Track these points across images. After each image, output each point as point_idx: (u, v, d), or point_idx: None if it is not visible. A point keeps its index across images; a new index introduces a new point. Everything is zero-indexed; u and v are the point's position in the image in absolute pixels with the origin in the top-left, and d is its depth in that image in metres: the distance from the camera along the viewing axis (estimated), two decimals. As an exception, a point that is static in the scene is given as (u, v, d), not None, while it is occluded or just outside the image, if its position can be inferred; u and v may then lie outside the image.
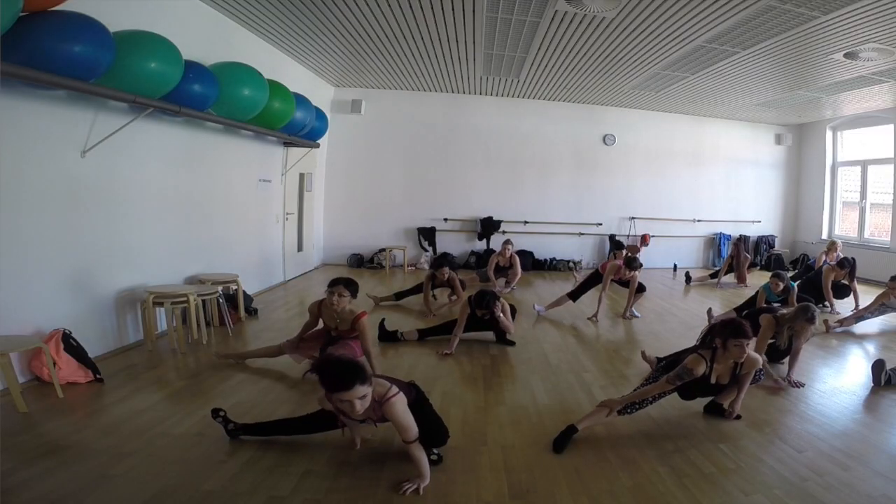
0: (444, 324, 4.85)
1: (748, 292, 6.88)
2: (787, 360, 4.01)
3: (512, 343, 4.77)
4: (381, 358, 4.22)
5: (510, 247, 7.48)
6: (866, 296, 6.49)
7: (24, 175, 3.33)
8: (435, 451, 2.63)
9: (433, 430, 2.60)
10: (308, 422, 2.75)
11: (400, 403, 2.37)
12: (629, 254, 6.36)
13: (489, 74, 7.80)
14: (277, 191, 7.25)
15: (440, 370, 4.06)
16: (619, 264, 5.93)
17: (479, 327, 4.74)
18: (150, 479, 2.36)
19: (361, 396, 2.19)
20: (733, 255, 8.56)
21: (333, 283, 3.70)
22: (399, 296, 6.37)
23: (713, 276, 8.73)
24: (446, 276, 5.99)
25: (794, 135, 10.84)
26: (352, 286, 3.72)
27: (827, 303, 6.54)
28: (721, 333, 2.96)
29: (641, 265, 5.94)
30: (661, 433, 3.04)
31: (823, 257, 7.86)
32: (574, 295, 6.08)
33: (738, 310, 5.61)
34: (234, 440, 2.75)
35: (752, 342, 3.18)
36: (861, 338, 5.44)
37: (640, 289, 6.05)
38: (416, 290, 6.30)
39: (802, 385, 3.78)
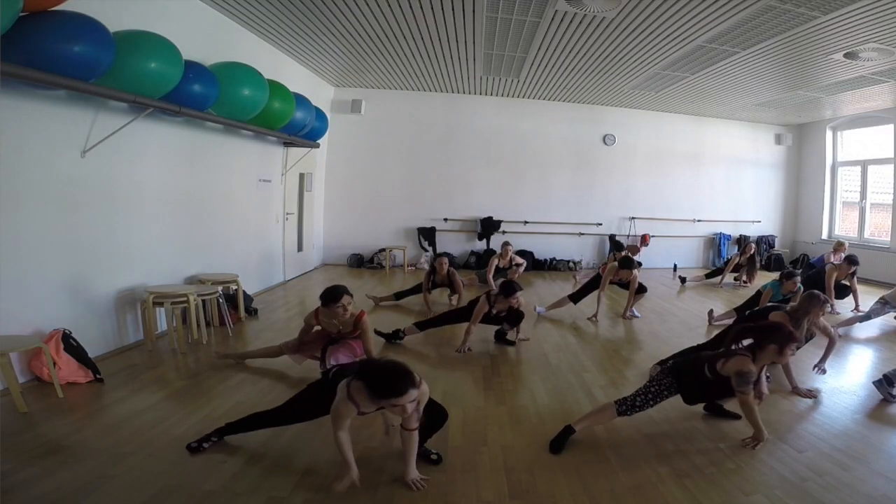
0: (443, 315, 4.82)
1: (748, 292, 6.86)
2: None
3: (512, 343, 4.77)
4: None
5: (510, 248, 7.49)
6: (867, 296, 6.49)
7: (23, 175, 3.33)
8: (434, 451, 2.64)
9: (434, 415, 2.63)
10: (292, 410, 2.68)
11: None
12: (627, 254, 6.35)
13: (489, 74, 7.80)
14: (277, 191, 7.25)
15: (440, 370, 4.06)
16: (616, 265, 5.93)
17: (489, 322, 4.72)
18: (150, 479, 2.36)
19: (412, 399, 2.20)
20: (748, 254, 8.41)
21: (335, 298, 3.50)
22: (399, 296, 6.36)
23: (709, 275, 8.70)
24: (446, 268, 5.98)
25: (794, 135, 10.84)
26: (349, 292, 3.64)
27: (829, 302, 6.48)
28: (774, 338, 2.88)
29: (640, 264, 5.93)
30: (661, 433, 3.04)
31: (831, 257, 7.74)
32: (575, 297, 6.07)
33: (739, 309, 5.60)
34: (231, 441, 2.73)
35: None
36: (861, 338, 5.44)
37: (641, 289, 6.04)
38: (417, 290, 6.30)
39: (815, 395, 3.68)
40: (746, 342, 3.01)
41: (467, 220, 9.72)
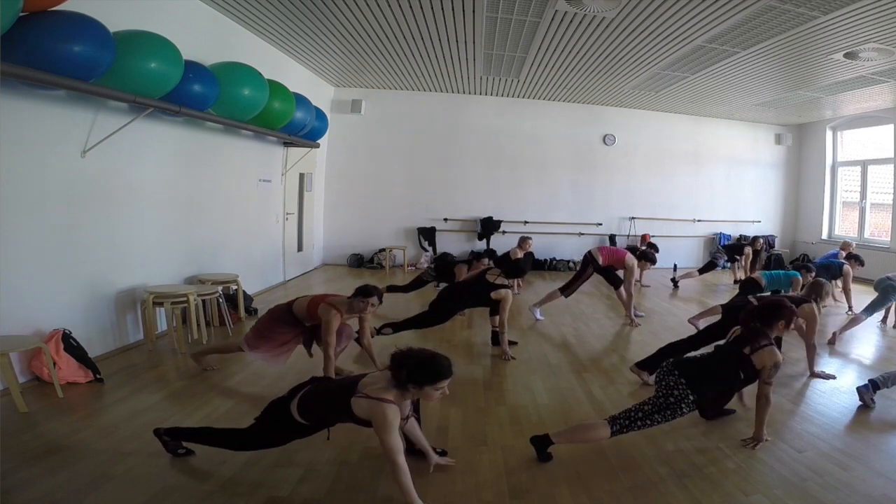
0: (416, 317, 4.67)
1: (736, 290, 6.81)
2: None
3: (513, 342, 4.73)
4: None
5: (531, 241, 7.54)
6: (864, 296, 6.46)
7: (24, 175, 3.33)
8: (439, 449, 2.66)
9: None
10: (251, 439, 2.43)
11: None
12: (647, 248, 6.29)
13: (489, 74, 7.80)
14: (277, 191, 7.25)
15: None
16: (632, 260, 5.88)
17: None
18: (150, 479, 2.36)
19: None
20: (756, 247, 8.51)
21: (368, 293, 3.53)
22: (391, 289, 6.28)
23: (702, 270, 8.67)
24: (464, 275, 5.91)
25: (794, 135, 10.83)
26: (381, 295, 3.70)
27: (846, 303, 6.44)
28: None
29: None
30: (661, 433, 3.03)
31: (843, 255, 7.64)
32: (566, 290, 5.95)
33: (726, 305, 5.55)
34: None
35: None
36: (862, 339, 5.43)
37: (616, 281, 5.94)
38: (411, 287, 6.28)
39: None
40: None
41: (467, 220, 9.72)
